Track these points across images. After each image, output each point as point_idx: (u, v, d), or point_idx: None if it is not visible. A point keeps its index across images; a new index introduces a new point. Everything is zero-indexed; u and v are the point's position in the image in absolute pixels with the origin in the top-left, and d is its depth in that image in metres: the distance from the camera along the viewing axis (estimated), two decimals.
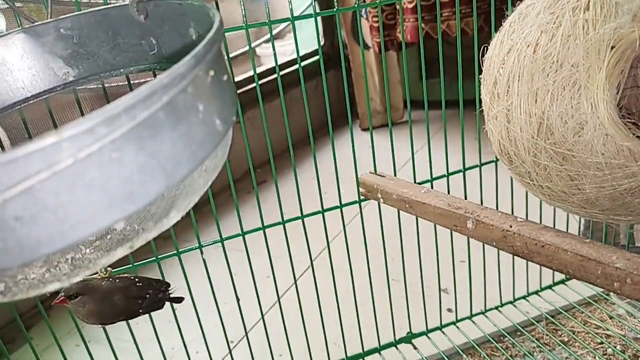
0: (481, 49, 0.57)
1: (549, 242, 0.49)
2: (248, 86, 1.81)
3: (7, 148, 0.61)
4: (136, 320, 0.63)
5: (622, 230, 1.05)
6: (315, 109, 0.98)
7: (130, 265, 0.70)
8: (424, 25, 1.61)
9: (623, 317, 0.94)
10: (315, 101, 2.10)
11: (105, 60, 0.43)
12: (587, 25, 0.46)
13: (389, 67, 2.00)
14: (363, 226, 0.80)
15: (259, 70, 1.56)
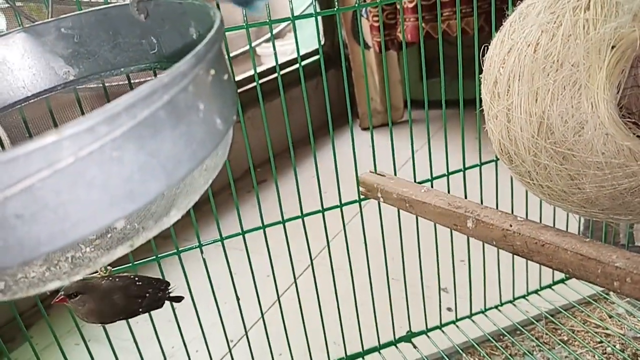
0: (482, 48, 0.57)
1: (549, 242, 0.49)
2: (248, 85, 1.82)
3: (8, 147, 0.61)
4: (136, 319, 0.64)
5: (622, 229, 1.05)
6: (315, 108, 0.98)
7: (130, 264, 0.70)
8: (425, 25, 1.61)
9: (623, 316, 0.94)
10: (316, 100, 2.10)
11: (106, 60, 0.42)
12: (588, 25, 0.46)
13: (389, 67, 2.00)
14: (363, 225, 0.80)
15: (259, 69, 1.56)
